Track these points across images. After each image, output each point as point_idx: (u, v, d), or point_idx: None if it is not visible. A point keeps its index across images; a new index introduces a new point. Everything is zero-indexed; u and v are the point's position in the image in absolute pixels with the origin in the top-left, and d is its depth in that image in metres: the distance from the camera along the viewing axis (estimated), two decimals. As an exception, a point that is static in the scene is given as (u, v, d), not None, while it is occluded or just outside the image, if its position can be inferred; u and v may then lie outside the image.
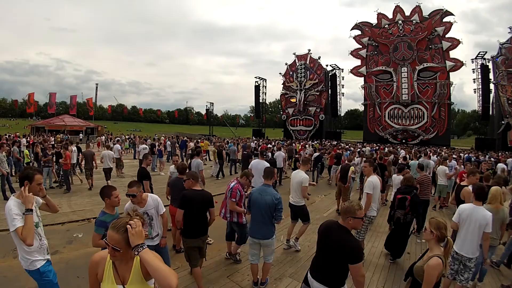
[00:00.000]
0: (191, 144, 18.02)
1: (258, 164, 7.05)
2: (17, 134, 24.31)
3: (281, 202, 4.01)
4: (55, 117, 42.34)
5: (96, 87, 60.05)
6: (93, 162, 10.21)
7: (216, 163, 13.86)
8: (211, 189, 9.87)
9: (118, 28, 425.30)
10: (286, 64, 46.58)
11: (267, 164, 6.88)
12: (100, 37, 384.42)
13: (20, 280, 3.50)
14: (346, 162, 9.07)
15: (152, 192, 5.51)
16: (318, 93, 43.00)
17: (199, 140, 23.97)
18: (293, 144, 20.94)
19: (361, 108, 44.88)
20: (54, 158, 10.26)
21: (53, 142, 15.03)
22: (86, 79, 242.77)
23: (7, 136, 22.30)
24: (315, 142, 28.77)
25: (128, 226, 1.62)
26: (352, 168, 8.50)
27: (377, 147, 22.79)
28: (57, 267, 2.87)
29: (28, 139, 18.91)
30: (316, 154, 13.82)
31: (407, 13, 37.19)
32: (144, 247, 1.60)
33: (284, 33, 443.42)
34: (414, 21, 36.34)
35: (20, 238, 2.55)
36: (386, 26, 38.34)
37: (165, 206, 3.78)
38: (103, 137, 29.04)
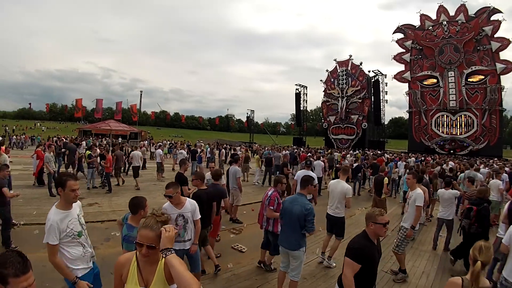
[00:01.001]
0: (224, 151, 18.95)
1: (303, 175, 6.84)
2: (65, 136, 26.19)
3: (311, 213, 3.76)
4: (101, 122, 44.83)
5: (141, 94, 62.81)
6: (122, 162, 11.95)
7: (260, 170, 13.96)
8: (248, 197, 10.05)
9: (160, 38, 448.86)
10: (327, 70, 45.65)
11: (313, 174, 6.69)
12: (144, 47, 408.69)
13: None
14: (380, 172, 8.57)
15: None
16: (360, 100, 41.30)
17: (237, 148, 24.38)
18: (334, 154, 20.39)
19: (406, 116, 42.81)
20: (99, 159, 11.09)
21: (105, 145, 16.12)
22: (131, 86, 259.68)
23: (56, 138, 24.24)
24: (357, 151, 27.46)
25: (162, 229, 1.68)
26: (385, 179, 8.01)
27: (422, 158, 21.33)
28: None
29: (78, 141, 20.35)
30: (356, 164, 13.30)
31: (452, 13, 35.05)
32: (172, 251, 1.64)
33: (323, 39, 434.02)
34: (459, 21, 34.10)
35: (48, 251, 2.55)
36: (430, 27, 36.44)
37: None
38: (146, 141, 30.35)
